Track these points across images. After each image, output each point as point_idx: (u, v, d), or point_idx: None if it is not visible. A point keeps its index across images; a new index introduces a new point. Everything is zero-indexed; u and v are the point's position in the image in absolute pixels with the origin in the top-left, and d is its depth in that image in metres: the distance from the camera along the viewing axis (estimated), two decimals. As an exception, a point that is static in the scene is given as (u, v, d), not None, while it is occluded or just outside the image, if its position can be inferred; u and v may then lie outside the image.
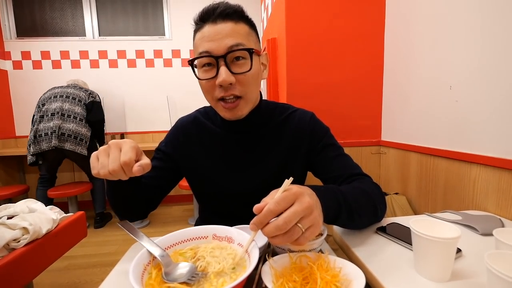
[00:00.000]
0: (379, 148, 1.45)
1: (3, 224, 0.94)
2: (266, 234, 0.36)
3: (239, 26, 0.56)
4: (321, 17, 1.34)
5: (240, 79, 0.56)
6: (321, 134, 0.68)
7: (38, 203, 1.17)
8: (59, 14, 2.86)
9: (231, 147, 0.67)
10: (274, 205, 0.35)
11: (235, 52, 0.54)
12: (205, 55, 0.55)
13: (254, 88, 0.60)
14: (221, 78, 0.54)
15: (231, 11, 0.56)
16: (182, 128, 0.71)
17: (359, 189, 0.56)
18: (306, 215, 0.37)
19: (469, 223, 0.63)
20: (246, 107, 0.60)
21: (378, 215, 0.59)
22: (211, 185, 0.69)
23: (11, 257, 0.90)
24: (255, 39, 0.61)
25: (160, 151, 0.71)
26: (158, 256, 0.39)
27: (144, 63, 2.96)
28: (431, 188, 1.07)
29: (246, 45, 0.55)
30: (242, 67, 0.56)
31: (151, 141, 3.03)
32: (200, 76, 0.58)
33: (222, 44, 0.53)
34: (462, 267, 0.46)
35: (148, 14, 2.95)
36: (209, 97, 0.60)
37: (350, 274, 0.39)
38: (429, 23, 1.05)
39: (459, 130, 0.91)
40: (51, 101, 2.18)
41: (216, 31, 0.54)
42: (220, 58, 0.54)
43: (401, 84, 1.25)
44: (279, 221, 0.35)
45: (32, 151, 2.10)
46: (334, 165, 0.65)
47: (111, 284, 0.46)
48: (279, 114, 0.70)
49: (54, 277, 1.66)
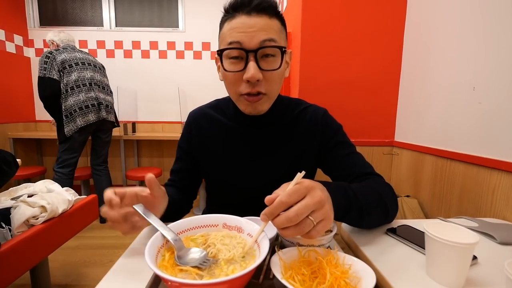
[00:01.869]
0: (392, 149, 1.41)
1: (24, 201, 0.99)
2: (277, 225, 0.36)
3: (273, 22, 0.54)
4: (339, 12, 1.31)
5: (267, 76, 0.55)
6: (334, 131, 0.67)
7: (55, 184, 1.23)
8: (79, 4, 2.94)
9: (242, 140, 0.67)
10: (285, 197, 0.35)
11: (267, 48, 0.52)
12: (235, 46, 0.52)
13: (278, 86, 0.59)
14: (249, 74, 0.52)
15: (267, 5, 0.53)
16: (194, 122, 0.71)
17: (370, 188, 0.55)
18: (317, 209, 0.36)
19: (486, 230, 0.61)
20: (268, 103, 0.60)
21: (389, 216, 0.58)
22: (222, 178, 0.69)
23: (30, 233, 0.95)
24: (285, 37, 0.59)
25: (180, 149, 0.72)
26: (171, 240, 0.40)
27: (157, 54, 3.00)
28: (446, 193, 1.03)
29: (278, 42, 0.54)
30: (271, 64, 0.54)
31: (161, 131, 3.09)
32: (227, 68, 0.55)
33: (256, 37, 0.51)
34: (478, 275, 0.44)
35: (163, 6, 2.97)
36: (233, 90, 0.58)
37: (360, 271, 0.38)
38: (453, 20, 1.00)
39: (480, 134, 0.88)
40: (80, 68, 1.97)
41: (249, 23, 0.52)
42: (251, 52, 0.52)
43: (420, 83, 1.21)
44: (290, 213, 0.35)
45: (80, 124, 1.91)
46: (345, 163, 0.65)
47: (124, 264, 0.48)
48: (292, 109, 0.69)
49: (66, 255, 1.75)
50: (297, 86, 1.41)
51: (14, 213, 0.96)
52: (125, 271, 0.46)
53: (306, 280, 0.36)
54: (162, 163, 3.10)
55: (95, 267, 1.65)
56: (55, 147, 3.01)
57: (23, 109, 2.89)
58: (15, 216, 0.95)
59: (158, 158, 3.11)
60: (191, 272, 0.36)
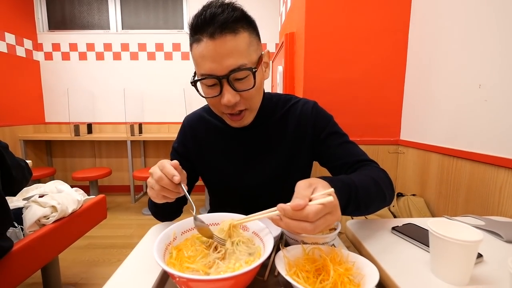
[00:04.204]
0: (397, 148, 1.40)
1: (35, 201, 1.02)
2: (288, 227, 0.37)
3: (238, 39, 0.51)
4: (342, 11, 1.31)
5: (244, 95, 0.56)
6: (325, 123, 0.67)
7: (65, 184, 1.26)
8: (87, 8, 2.99)
9: (236, 142, 0.68)
10: (313, 215, 0.35)
11: (237, 73, 0.52)
12: (208, 77, 0.53)
13: (258, 98, 0.60)
14: (225, 99, 0.53)
15: (229, 21, 0.50)
16: (189, 126, 0.72)
17: (369, 177, 0.55)
18: (327, 226, 0.38)
19: (492, 229, 0.61)
20: (251, 116, 0.61)
21: (386, 200, 0.59)
22: (220, 180, 0.71)
23: (41, 232, 0.98)
24: (256, 44, 0.56)
25: (175, 151, 0.73)
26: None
27: (163, 56, 3.04)
28: (452, 191, 1.02)
29: (248, 64, 0.53)
30: (245, 84, 0.55)
31: (167, 131, 3.12)
32: (205, 94, 0.57)
33: (224, 65, 0.51)
34: (483, 272, 0.44)
35: (168, 8, 3.00)
36: (216, 109, 0.61)
37: (363, 269, 0.39)
38: (458, 17, 0.99)
39: (487, 132, 0.87)
40: None
41: (215, 50, 0.50)
42: (223, 78, 0.52)
43: (425, 81, 1.20)
44: (309, 228, 0.36)
45: None
46: (339, 152, 0.65)
47: (131, 263, 0.49)
48: (282, 106, 0.69)
49: (75, 254, 1.79)
50: (301, 85, 1.41)
51: (26, 213, 0.99)
52: (132, 270, 0.47)
53: (310, 277, 0.37)
54: (168, 163, 3.13)
55: (103, 266, 1.68)
56: (64, 148, 3.08)
57: (33, 112, 2.96)
58: (27, 216, 0.98)
59: (165, 158, 3.14)
60: (198, 269, 0.37)
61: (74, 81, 3.02)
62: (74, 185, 1.32)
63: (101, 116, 3.10)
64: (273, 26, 2.82)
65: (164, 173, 0.46)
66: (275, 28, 2.81)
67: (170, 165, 0.47)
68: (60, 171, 3.10)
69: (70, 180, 2.69)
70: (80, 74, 3.03)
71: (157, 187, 0.47)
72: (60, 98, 3.03)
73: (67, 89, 2.91)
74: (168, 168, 0.47)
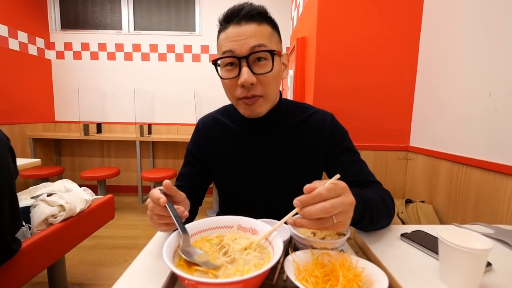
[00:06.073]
0: (407, 154, 1.39)
1: (44, 200, 1.02)
2: (310, 214, 0.37)
3: (262, 28, 0.57)
4: (354, 17, 1.31)
5: (261, 79, 0.57)
6: (341, 138, 0.68)
7: (73, 183, 1.26)
8: (99, 8, 3.05)
9: (250, 146, 0.68)
10: (325, 191, 0.37)
11: (257, 53, 0.55)
12: (228, 55, 0.56)
13: (274, 87, 0.61)
14: (243, 79, 0.55)
15: (255, 13, 0.56)
16: (203, 129, 0.73)
17: (377, 195, 0.58)
18: (345, 211, 0.39)
19: (502, 237, 0.60)
20: (265, 105, 0.62)
21: (390, 219, 0.62)
22: (232, 183, 0.71)
23: (49, 231, 0.98)
24: (277, 40, 0.61)
25: (190, 153, 0.74)
26: (180, 231, 0.42)
27: (174, 57, 3.07)
28: (461, 199, 1.01)
29: (268, 46, 0.56)
30: (264, 68, 0.57)
31: (176, 132, 3.15)
32: (223, 75, 0.59)
33: (245, 44, 0.54)
34: (491, 281, 0.44)
35: (181, 10, 3.04)
36: (231, 95, 0.62)
37: (373, 275, 0.39)
38: (469, 26, 0.99)
39: (497, 140, 0.86)
40: None
41: (239, 32, 0.55)
42: (243, 58, 0.55)
43: (436, 88, 1.19)
44: (327, 204, 0.36)
45: None
46: (351, 170, 0.66)
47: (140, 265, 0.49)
48: (299, 114, 0.70)
49: (82, 254, 1.80)
50: (311, 90, 1.42)
51: (33, 211, 0.98)
52: (141, 271, 0.47)
53: (319, 282, 0.37)
54: (177, 164, 3.15)
55: (110, 267, 1.69)
56: (73, 147, 3.14)
57: (43, 110, 3.01)
58: (35, 215, 0.97)
59: (173, 160, 3.17)
60: (207, 272, 0.38)
61: (85, 81, 3.07)
62: (82, 185, 1.32)
63: (111, 116, 3.14)
64: (284, 30, 2.83)
65: (152, 200, 0.45)
66: (286, 32, 2.83)
67: (157, 190, 0.45)
68: (68, 170, 3.15)
69: (78, 179, 2.73)
70: (91, 74, 3.08)
71: (154, 217, 0.45)
72: (71, 97, 3.09)
73: (77, 88, 2.96)
74: (155, 194, 0.44)
